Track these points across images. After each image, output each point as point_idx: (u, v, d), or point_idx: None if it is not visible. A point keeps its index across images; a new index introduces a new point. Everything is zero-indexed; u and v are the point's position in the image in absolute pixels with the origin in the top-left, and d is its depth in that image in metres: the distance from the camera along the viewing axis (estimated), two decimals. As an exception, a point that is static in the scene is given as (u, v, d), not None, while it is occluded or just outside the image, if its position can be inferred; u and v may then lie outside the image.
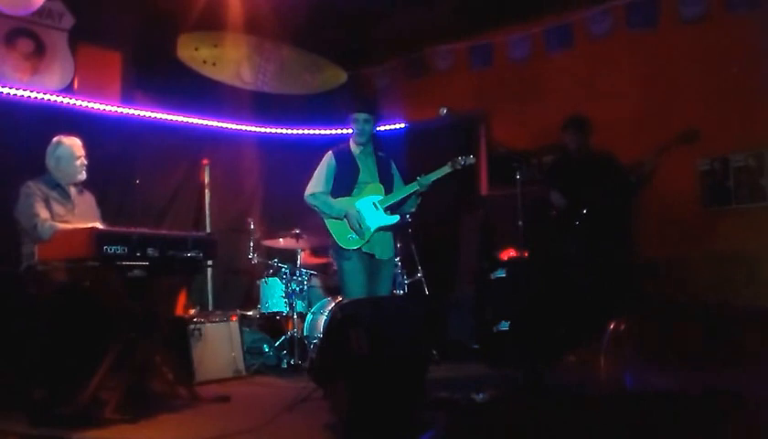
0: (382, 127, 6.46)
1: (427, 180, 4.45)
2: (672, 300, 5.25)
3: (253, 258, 5.82)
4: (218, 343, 5.10)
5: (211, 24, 6.16)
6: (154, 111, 6.17)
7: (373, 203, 4.49)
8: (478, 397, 3.76)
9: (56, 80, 5.68)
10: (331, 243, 4.56)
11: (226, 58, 6.63)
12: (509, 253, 5.64)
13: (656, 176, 5.05)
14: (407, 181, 4.60)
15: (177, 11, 5.82)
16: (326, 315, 5.16)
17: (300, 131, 7.00)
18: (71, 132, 4.38)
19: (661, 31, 5.77)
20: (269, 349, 5.57)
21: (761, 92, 5.17)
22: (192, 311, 5.45)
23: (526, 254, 5.38)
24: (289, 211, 5.90)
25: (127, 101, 6.08)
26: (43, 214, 4.03)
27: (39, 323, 3.81)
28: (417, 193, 4.53)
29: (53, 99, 5.49)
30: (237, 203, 6.75)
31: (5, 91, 5.21)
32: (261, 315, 5.83)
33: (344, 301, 4.49)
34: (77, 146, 4.30)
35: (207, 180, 6.34)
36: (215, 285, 6.25)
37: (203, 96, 6.47)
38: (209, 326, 5.10)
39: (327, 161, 4.60)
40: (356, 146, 4.62)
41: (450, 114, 4.61)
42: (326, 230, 4.50)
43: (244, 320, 5.59)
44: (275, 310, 5.71)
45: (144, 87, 6.32)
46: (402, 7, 6.25)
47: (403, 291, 5.59)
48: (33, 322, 3.87)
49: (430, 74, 7.09)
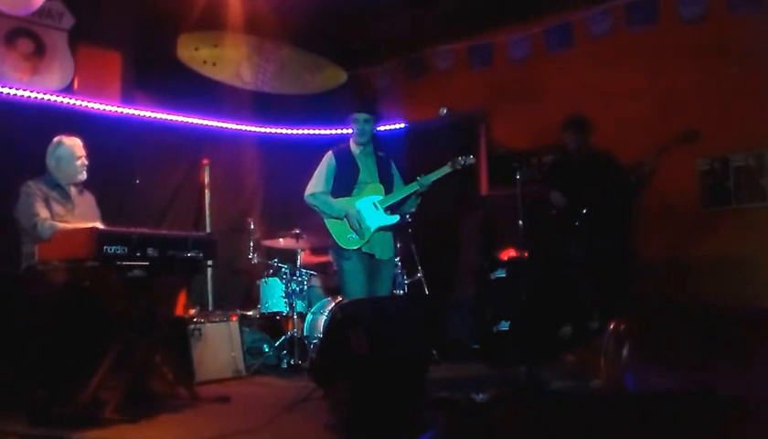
0: (382, 127, 6.46)
1: (427, 180, 4.45)
2: (672, 300, 5.24)
3: (253, 258, 5.82)
4: (218, 343, 5.10)
5: (211, 24, 6.16)
6: (154, 111, 6.17)
7: (373, 203, 4.49)
8: (478, 397, 3.76)
9: (56, 80, 5.68)
10: (331, 243, 4.56)
11: (226, 58, 6.63)
12: (509, 253, 5.64)
13: (656, 176, 5.04)
14: (407, 181, 4.60)
15: (177, 11, 5.82)
16: (326, 315, 5.16)
17: (300, 131, 7.00)
18: (71, 132, 4.39)
19: (661, 31, 5.77)
20: (269, 349, 5.57)
21: (761, 92, 5.17)
22: (192, 311, 5.45)
23: (526, 254, 5.38)
24: (289, 211, 5.90)
25: (127, 101, 6.08)
26: (43, 214, 4.03)
27: (39, 323, 3.81)
28: (417, 193, 4.53)
29: (53, 99, 5.49)
30: (237, 203, 6.75)
31: (5, 91, 5.21)
32: (261, 315, 5.83)
33: (344, 301, 4.49)
34: (77, 146, 4.30)
35: (207, 180, 6.34)
36: (215, 285, 6.25)
37: (203, 96, 6.47)
38: (209, 326, 5.10)
39: (327, 161, 4.60)
40: (356, 146, 4.62)
41: (450, 114, 4.61)
42: (326, 229, 4.51)
43: (244, 320, 5.59)
44: (275, 310, 5.71)
45: (144, 87, 6.31)
46: (402, 7, 6.24)
47: (403, 291, 5.59)
48: (33, 322, 3.87)
49: (430, 74, 7.09)
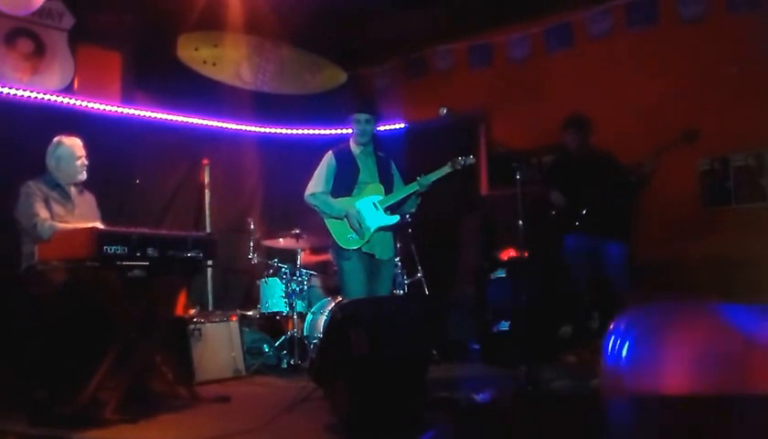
0: (382, 127, 6.46)
1: (427, 180, 4.45)
2: (672, 300, 5.24)
3: (253, 258, 5.82)
4: (218, 343, 5.10)
5: (211, 24, 6.15)
6: (154, 111, 6.17)
7: (373, 203, 4.49)
8: (478, 397, 3.77)
9: (56, 80, 5.68)
10: (331, 243, 4.56)
11: (226, 58, 6.63)
12: (509, 253, 5.64)
13: (656, 176, 5.04)
14: (407, 181, 4.60)
15: (177, 11, 5.81)
16: (326, 315, 5.16)
17: (300, 131, 7.00)
18: (71, 132, 4.38)
19: (661, 31, 5.77)
20: (269, 349, 5.57)
21: (761, 92, 5.17)
22: (192, 311, 5.45)
23: (526, 254, 5.38)
24: (289, 211, 5.90)
25: (127, 101, 6.07)
26: (43, 214, 4.03)
27: (39, 323, 3.82)
28: (417, 193, 4.53)
29: (53, 99, 5.49)
30: (237, 203, 6.75)
31: (5, 91, 5.20)
32: (261, 315, 5.83)
33: (344, 301, 4.49)
34: (77, 146, 4.30)
35: (207, 180, 6.34)
36: (215, 285, 6.25)
37: (203, 96, 6.46)
38: (209, 326, 5.10)
39: (327, 161, 4.60)
40: (356, 146, 4.62)
41: (450, 114, 4.61)
42: (326, 229, 4.51)
43: (244, 320, 5.59)
44: (275, 310, 5.71)
45: (144, 87, 6.31)
46: (402, 7, 6.24)
47: (403, 291, 5.60)
48: (33, 322, 3.87)
49: (430, 74, 7.09)
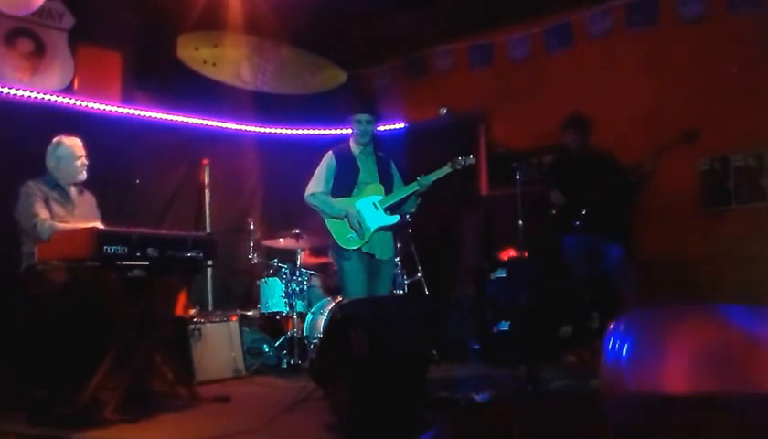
0: (382, 127, 6.46)
1: (427, 180, 4.45)
2: (672, 300, 5.24)
3: (253, 258, 5.81)
4: (218, 343, 5.10)
5: (211, 24, 6.16)
6: (154, 111, 6.17)
7: (373, 203, 4.49)
8: (478, 397, 3.77)
9: (56, 80, 5.68)
10: (331, 243, 4.56)
11: (226, 58, 6.63)
12: (509, 253, 5.63)
13: (656, 176, 5.04)
14: (407, 181, 4.60)
15: (177, 11, 5.82)
16: (326, 315, 5.16)
17: (300, 131, 7.00)
18: (71, 132, 4.38)
19: (661, 31, 5.77)
20: (269, 349, 5.57)
21: (761, 92, 5.17)
22: (192, 311, 5.45)
23: (526, 254, 5.38)
24: (289, 211, 5.90)
25: (127, 101, 6.07)
26: (43, 214, 4.03)
27: (39, 323, 3.81)
28: (417, 193, 4.53)
29: (53, 99, 5.49)
30: (237, 203, 6.75)
31: (5, 91, 5.20)
32: (261, 315, 5.83)
33: (344, 301, 4.49)
34: (77, 146, 4.30)
35: (207, 180, 6.34)
36: (215, 285, 6.25)
37: (203, 96, 6.46)
38: (209, 326, 5.10)
39: (327, 161, 4.60)
40: (356, 146, 4.62)
41: (450, 114, 4.61)
42: (326, 229, 4.51)
43: (244, 320, 5.59)
44: (275, 310, 5.71)
45: (144, 87, 6.31)
46: (402, 7, 6.24)
47: (403, 291, 5.59)
48: (33, 322, 3.87)
49: (430, 74, 7.08)
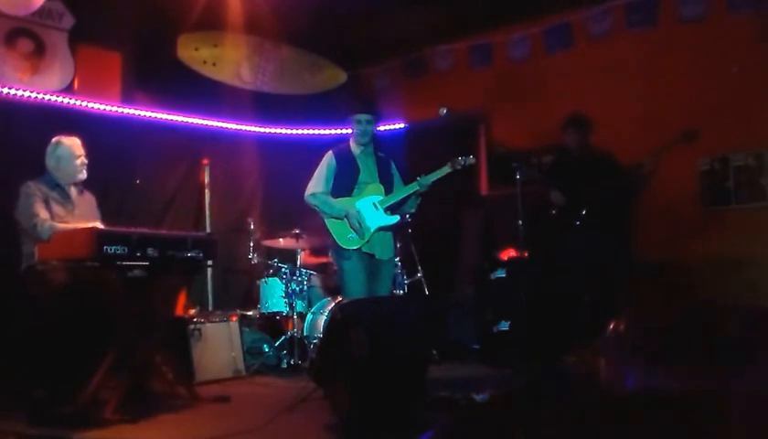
0: (382, 127, 6.46)
1: (427, 180, 4.45)
2: (672, 300, 5.24)
3: (253, 258, 5.82)
4: (218, 343, 5.10)
5: (211, 24, 6.15)
6: (154, 111, 6.17)
7: (373, 203, 4.49)
8: (478, 397, 3.77)
9: (56, 80, 5.68)
10: (331, 243, 4.56)
11: (226, 58, 6.63)
12: (509, 253, 5.63)
13: (656, 176, 5.04)
14: (407, 181, 4.60)
15: (177, 11, 5.81)
16: (326, 315, 5.17)
17: (300, 131, 7.00)
18: (71, 132, 4.38)
19: (661, 31, 5.77)
20: (269, 349, 5.57)
21: (761, 92, 5.17)
22: (192, 311, 5.45)
23: (526, 254, 5.38)
24: (289, 211, 5.90)
25: (127, 101, 6.07)
26: (43, 214, 4.03)
27: (39, 323, 3.81)
28: (417, 193, 4.53)
29: (53, 99, 5.49)
30: (237, 203, 6.75)
31: (5, 91, 5.20)
32: (261, 315, 5.83)
33: (344, 301, 4.49)
34: (76, 146, 4.30)
35: (207, 180, 6.34)
36: (215, 285, 6.25)
37: (203, 96, 6.46)
38: (209, 326, 5.10)
39: (327, 161, 4.60)
40: (356, 146, 4.62)
41: (450, 114, 4.62)
42: (327, 229, 4.51)
43: (244, 320, 5.59)
44: (275, 310, 5.71)
45: (144, 87, 6.31)
46: (402, 7, 6.24)
47: (403, 291, 5.60)
48: (33, 322, 3.87)
49: (430, 74, 7.09)
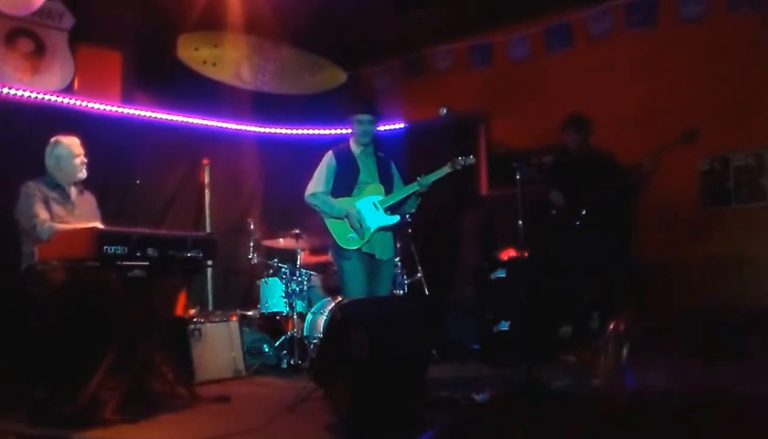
0: (382, 127, 6.46)
1: (427, 180, 4.45)
2: (672, 300, 5.24)
3: (253, 258, 5.81)
4: (218, 343, 5.10)
5: (211, 24, 6.16)
6: (154, 111, 6.17)
7: (373, 203, 4.50)
8: (478, 397, 3.77)
9: (56, 80, 5.68)
10: (331, 243, 4.56)
11: (226, 58, 6.63)
12: (509, 253, 5.63)
13: (656, 176, 5.05)
14: (407, 181, 4.60)
15: (177, 11, 5.82)
16: (326, 315, 5.16)
17: (300, 131, 6.99)
18: (71, 132, 4.38)
19: (661, 31, 5.77)
20: (269, 349, 5.57)
21: (761, 92, 5.17)
22: (192, 311, 5.45)
23: (526, 254, 5.38)
24: (289, 211, 5.90)
25: (127, 101, 6.07)
26: (42, 215, 4.03)
27: (39, 323, 3.82)
28: (417, 193, 4.53)
29: (53, 99, 5.49)
30: (237, 203, 6.75)
31: (5, 91, 5.20)
32: (261, 315, 5.82)
33: (344, 301, 4.49)
34: (75, 145, 4.30)
35: (207, 180, 6.34)
36: (215, 285, 6.25)
37: (203, 96, 6.46)
38: (209, 326, 5.10)
39: (328, 161, 4.60)
40: (356, 146, 4.62)
41: (450, 114, 4.61)
42: (327, 229, 4.51)
43: (244, 320, 5.58)
44: (275, 310, 5.71)
45: (144, 87, 6.31)
46: (402, 7, 6.24)
47: (403, 291, 5.59)
48: (33, 322, 3.87)
49: (430, 74, 7.08)
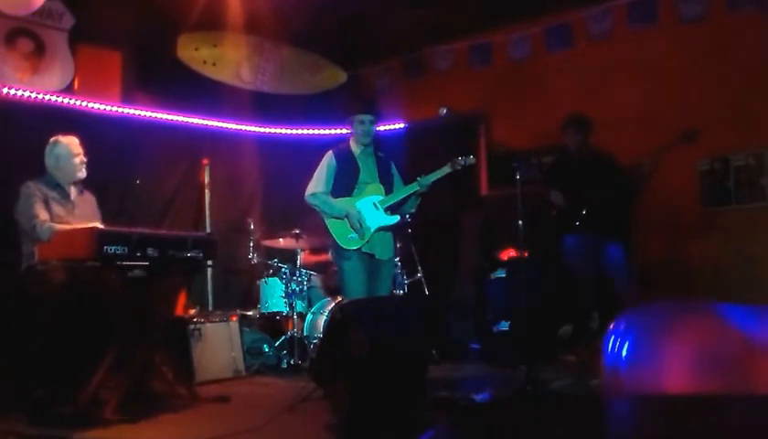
0: (382, 127, 6.46)
1: (427, 180, 4.45)
2: (672, 300, 5.24)
3: (253, 258, 5.81)
4: (218, 343, 5.10)
5: (211, 24, 6.16)
6: (154, 111, 6.17)
7: (373, 203, 4.50)
8: (478, 397, 3.77)
9: (56, 80, 5.68)
10: (331, 243, 4.56)
11: (226, 58, 6.63)
12: (509, 253, 5.64)
13: (656, 176, 5.05)
14: (407, 181, 4.60)
15: (177, 11, 5.81)
16: (326, 315, 5.16)
17: (300, 131, 7.00)
18: (71, 132, 4.38)
19: (661, 31, 5.77)
20: (269, 349, 5.57)
21: (761, 92, 5.17)
22: (192, 311, 5.45)
23: (526, 254, 5.37)
24: (289, 211, 5.90)
25: (127, 101, 6.07)
26: (42, 215, 4.03)
27: (39, 323, 3.82)
28: (417, 193, 4.53)
29: (53, 99, 5.49)
30: (237, 203, 6.75)
31: (5, 91, 5.20)
32: (261, 315, 5.83)
33: (344, 301, 4.49)
34: (74, 144, 4.30)
35: (207, 180, 6.34)
36: (215, 285, 6.25)
37: (203, 96, 6.46)
38: (209, 326, 5.10)
39: (328, 161, 4.60)
40: (356, 146, 4.62)
41: (450, 114, 4.61)
42: (327, 229, 4.51)
43: (244, 320, 5.59)
44: (275, 310, 5.71)
45: (144, 87, 6.31)
46: (402, 7, 6.24)
47: (403, 291, 5.59)
48: (33, 322, 3.87)
49: (430, 74, 7.09)
